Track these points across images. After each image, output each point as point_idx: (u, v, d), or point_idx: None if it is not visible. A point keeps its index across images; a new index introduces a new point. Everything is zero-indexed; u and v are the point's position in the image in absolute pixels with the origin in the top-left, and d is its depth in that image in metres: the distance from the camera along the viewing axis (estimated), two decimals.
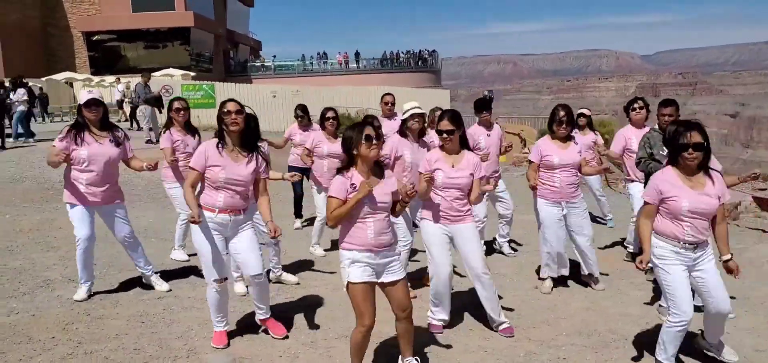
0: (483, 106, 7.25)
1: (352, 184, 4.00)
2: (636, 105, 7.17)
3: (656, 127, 6.27)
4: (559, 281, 6.40)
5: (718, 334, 4.53)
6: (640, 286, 6.44)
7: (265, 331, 5.08)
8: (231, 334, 4.96)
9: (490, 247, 7.81)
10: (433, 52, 54.11)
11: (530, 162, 6.24)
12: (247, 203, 4.78)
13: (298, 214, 9.27)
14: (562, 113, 5.95)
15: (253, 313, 5.14)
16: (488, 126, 7.26)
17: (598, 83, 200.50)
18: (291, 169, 8.52)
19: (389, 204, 4.11)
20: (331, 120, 7.42)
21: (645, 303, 5.98)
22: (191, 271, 6.68)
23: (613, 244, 8.40)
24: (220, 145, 4.61)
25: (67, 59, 42.82)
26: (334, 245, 7.88)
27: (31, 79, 30.04)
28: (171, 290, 6.06)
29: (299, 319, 5.42)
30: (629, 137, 7.12)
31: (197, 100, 25.19)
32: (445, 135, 4.93)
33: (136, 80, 21.02)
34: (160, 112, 18.13)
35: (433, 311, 5.30)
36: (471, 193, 5.02)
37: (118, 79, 26.25)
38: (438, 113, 8.75)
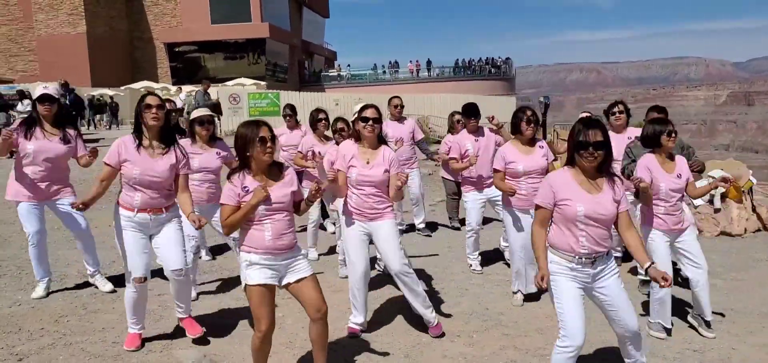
0: (470, 112, 7.04)
1: (245, 186, 3.83)
2: (616, 110, 6.83)
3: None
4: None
5: (637, 356, 4.00)
6: (641, 299, 6.10)
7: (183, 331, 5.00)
8: (207, 331, 5.02)
9: (498, 255, 7.62)
10: (506, 59, 53.44)
11: (496, 170, 5.83)
12: (170, 201, 4.71)
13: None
14: (529, 113, 5.65)
15: (225, 310, 5.20)
16: (476, 132, 7.05)
17: (686, 92, 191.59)
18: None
19: (287, 204, 3.92)
20: (322, 121, 7.37)
21: (641, 314, 5.67)
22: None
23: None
24: (137, 142, 4.55)
25: (150, 69, 45.00)
26: (332, 250, 7.87)
27: (105, 89, 31.81)
28: (115, 291, 6.02)
29: (280, 320, 5.45)
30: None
31: (263, 107, 25.90)
32: (371, 122, 4.82)
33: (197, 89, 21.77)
34: (218, 120, 18.89)
35: (352, 313, 5.17)
36: (389, 189, 4.88)
37: (180, 88, 27.24)
38: (456, 117, 8.84)
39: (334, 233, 8.11)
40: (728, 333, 5.24)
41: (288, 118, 8.69)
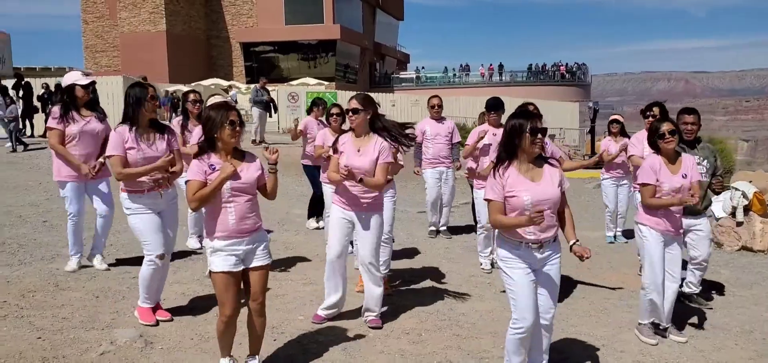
0: (492, 106, 6.97)
1: (211, 164, 3.92)
2: (650, 113, 6.54)
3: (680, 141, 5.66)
4: None
5: (543, 346, 4.08)
6: (632, 308, 5.74)
7: (201, 311, 5.26)
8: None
9: None
10: (581, 65, 52.01)
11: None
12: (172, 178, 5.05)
13: (313, 213, 9.13)
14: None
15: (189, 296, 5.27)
16: (497, 126, 6.92)
17: None
18: (306, 168, 8.63)
19: (251, 187, 3.99)
20: (334, 116, 7.42)
21: (620, 327, 5.34)
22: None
23: None
24: (133, 129, 4.85)
25: (226, 68, 46.38)
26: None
27: (180, 85, 33.01)
28: (109, 269, 6.31)
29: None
30: (646, 143, 6.46)
31: None
32: (350, 113, 4.92)
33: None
34: (270, 116, 19.32)
35: (325, 299, 5.25)
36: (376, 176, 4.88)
37: (231, 86, 27.98)
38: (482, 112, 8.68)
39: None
40: (694, 348, 4.94)
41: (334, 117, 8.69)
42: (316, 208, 8.85)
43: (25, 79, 18.41)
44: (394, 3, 58.87)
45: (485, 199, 3.97)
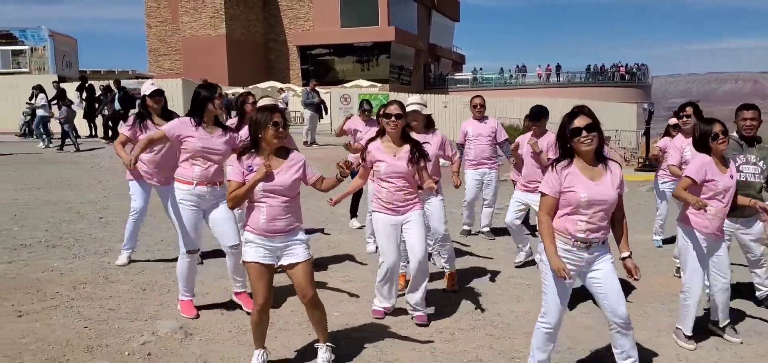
0: (535, 116, 6.89)
1: (249, 166, 4.07)
2: (684, 113, 6.39)
3: (735, 133, 5.51)
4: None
5: (626, 347, 3.95)
6: (672, 312, 5.61)
7: (239, 307, 5.36)
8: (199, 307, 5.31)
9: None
10: (641, 66, 50.75)
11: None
12: (222, 177, 5.10)
13: (354, 213, 9.24)
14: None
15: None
16: (540, 136, 6.86)
17: None
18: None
19: (286, 190, 4.07)
20: (363, 110, 7.67)
21: (659, 330, 5.23)
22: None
23: None
24: (195, 121, 5.06)
25: (284, 70, 47.21)
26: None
27: (238, 88, 33.76)
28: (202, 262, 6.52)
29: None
30: (683, 148, 6.47)
31: (374, 108, 26.35)
32: (393, 118, 4.92)
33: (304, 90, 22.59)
34: (321, 119, 19.56)
35: (377, 298, 5.35)
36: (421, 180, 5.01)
37: (282, 89, 28.37)
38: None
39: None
40: (734, 353, 4.84)
41: (366, 112, 8.84)
42: (355, 208, 9.02)
43: (89, 82, 19.21)
44: (449, 4, 58.75)
45: (539, 192, 3.97)
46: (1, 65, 26.47)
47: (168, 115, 6.10)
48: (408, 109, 5.89)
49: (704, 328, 5.17)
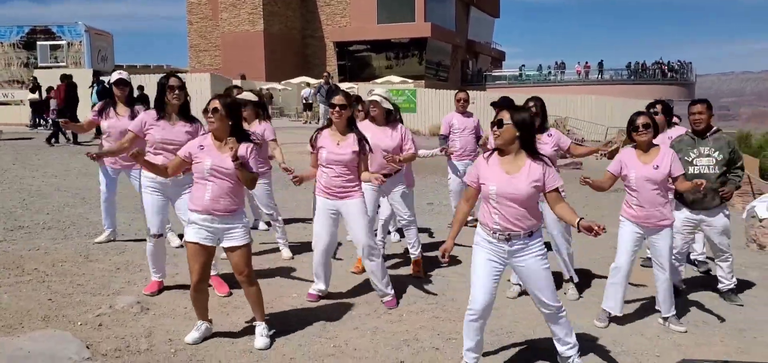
0: (498, 105, 6.97)
1: (200, 144, 4.41)
2: (653, 110, 6.43)
3: (690, 131, 5.78)
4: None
5: (560, 334, 4.14)
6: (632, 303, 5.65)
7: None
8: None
9: None
10: (685, 63, 49.55)
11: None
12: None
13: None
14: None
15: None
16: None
17: None
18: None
19: (233, 172, 4.29)
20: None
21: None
22: None
23: None
24: (158, 114, 5.36)
25: (320, 66, 47.58)
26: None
27: (275, 84, 34.42)
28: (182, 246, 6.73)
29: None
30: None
31: (399, 104, 26.45)
32: (338, 108, 5.15)
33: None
34: None
35: (315, 282, 5.57)
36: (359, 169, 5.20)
37: (308, 83, 28.76)
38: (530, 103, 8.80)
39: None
40: (673, 341, 4.93)
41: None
42: None
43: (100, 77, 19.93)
44: (488, 0, 58.36)
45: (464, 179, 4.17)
46: (39, 59, 27.66)
47: (132, 103, 6.57)
48: (367, 98, 6.12)
49: (645, 315, 5.27)
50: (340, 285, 5.87)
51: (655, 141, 5.01)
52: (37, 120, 20.25)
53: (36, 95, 19.02)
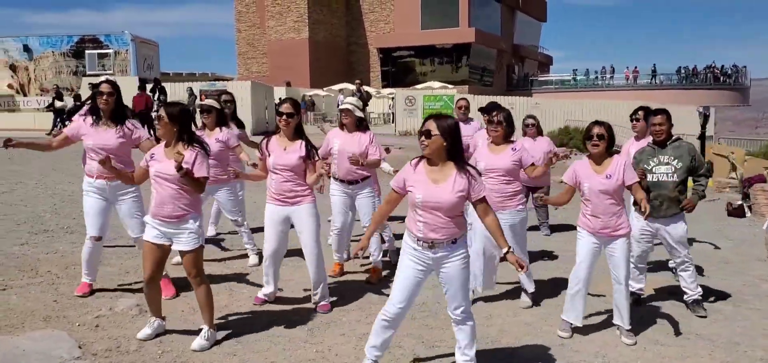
0: (486, 111, 6.89)
1: (152, 153, 4.69)
2: (635, 117, 6.62)
3: (651, 142, 5.83)
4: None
5: (461, 343, 4.19)
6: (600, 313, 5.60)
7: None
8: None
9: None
10: (739, 67, 48.03)
11: None
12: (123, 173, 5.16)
13: None
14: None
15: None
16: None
17: None
18: None
19: (174, 178, 4.47)
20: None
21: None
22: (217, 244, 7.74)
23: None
24: (93, 119, 5.51)
25: (364, 73, 47.97)
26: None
27: (318, 90, 34.89)
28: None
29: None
30: (630, 151, 6.51)
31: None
32: (284, 116, 5.30)
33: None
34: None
35: (263, 286, 5.73)
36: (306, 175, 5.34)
37: (341, 90, 29.03)
38: (530, 121, 8.79)
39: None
40: (657, 352, 4.89)
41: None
42: None
43: (161, 83, 20.65)
44: (535, 4, 57.79)
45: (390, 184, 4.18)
46: (88, 68, 28.81)
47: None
48: (341, 107, 6.42)
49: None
50: (333, 291, 5.96)
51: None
52: (60, 128, 21.06)
53: (63, 103, 19.89)
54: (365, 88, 22.18)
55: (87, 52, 29.24)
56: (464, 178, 3.91)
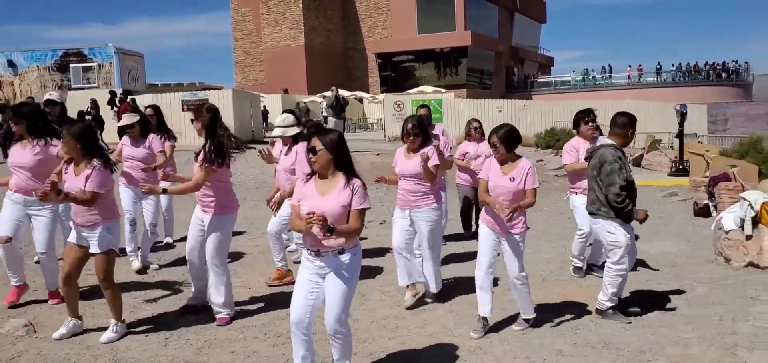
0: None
1: (66, 168, 5.01)
2: (588, 118, 6.64)
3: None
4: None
5: (334, 356, 4.17)
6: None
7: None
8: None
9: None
10: (741, 63, 47.55)
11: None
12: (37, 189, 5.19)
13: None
14: (409, 125, 5.77)
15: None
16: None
17: None
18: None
19: (79, 192, 4.75)
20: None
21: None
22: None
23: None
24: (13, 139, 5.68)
25: (362, 78, 47.98)
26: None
27: (315, 97, 34.80)
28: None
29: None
30: (579, 149, 6.56)
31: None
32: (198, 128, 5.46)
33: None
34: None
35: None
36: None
37: (324, 96, 28.97)
38: (474, 125, 8.65)
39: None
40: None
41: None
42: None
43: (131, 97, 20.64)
44: (534, 5, 57.53)
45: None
46: (73, 81, 28.97)
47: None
48: (273, 133, 6.57)
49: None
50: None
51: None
52: None
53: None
54: (343, 93, 21.93)
55: (71, 65, 29.50)
56: (348, 190, 3.94)
